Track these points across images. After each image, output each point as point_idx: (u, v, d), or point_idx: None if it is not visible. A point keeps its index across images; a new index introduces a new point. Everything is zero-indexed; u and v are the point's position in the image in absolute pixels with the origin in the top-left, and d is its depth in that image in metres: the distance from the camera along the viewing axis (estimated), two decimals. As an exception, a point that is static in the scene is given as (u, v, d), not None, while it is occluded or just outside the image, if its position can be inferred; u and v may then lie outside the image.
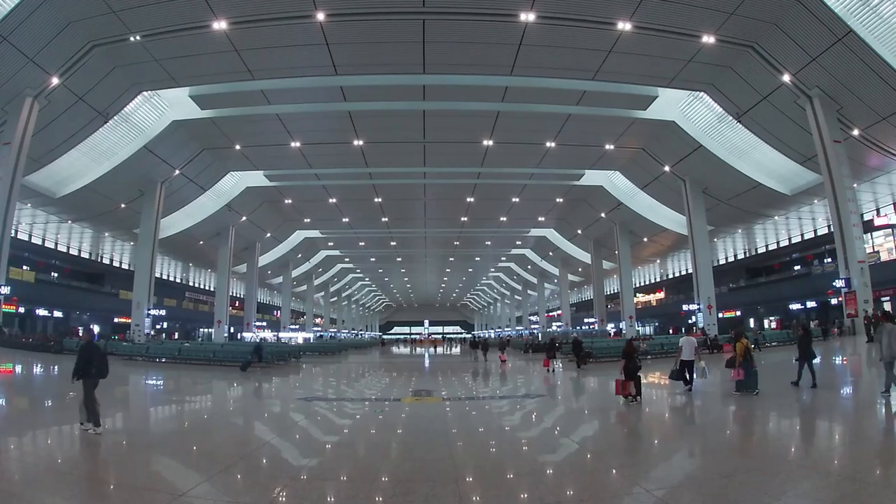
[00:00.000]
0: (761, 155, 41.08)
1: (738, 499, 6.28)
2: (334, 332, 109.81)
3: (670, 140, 42.16)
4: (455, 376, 27.79)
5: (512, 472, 8.37)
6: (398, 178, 48.74)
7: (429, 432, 11.55)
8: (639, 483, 7.17)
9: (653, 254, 74.03)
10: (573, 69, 32.11)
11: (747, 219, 55.22)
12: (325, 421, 13.57)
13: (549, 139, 41.62)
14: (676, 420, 13.98)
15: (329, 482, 7.73)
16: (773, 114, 35.69)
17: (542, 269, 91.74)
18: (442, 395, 17.70)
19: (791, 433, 11.27)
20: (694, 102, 38.24)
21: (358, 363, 40.83)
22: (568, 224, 67.09)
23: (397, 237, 72.37)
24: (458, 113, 37.04)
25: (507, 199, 56.09)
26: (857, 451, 8.96)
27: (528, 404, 16.49)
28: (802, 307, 55.18)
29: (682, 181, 46.01)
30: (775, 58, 31.20)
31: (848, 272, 32.37)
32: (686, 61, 31.85)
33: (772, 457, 8.60)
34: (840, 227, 32.81)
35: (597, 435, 11.91)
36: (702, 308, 45.54)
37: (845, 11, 27.43)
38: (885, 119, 33.39)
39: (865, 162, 39.06)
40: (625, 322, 59.68)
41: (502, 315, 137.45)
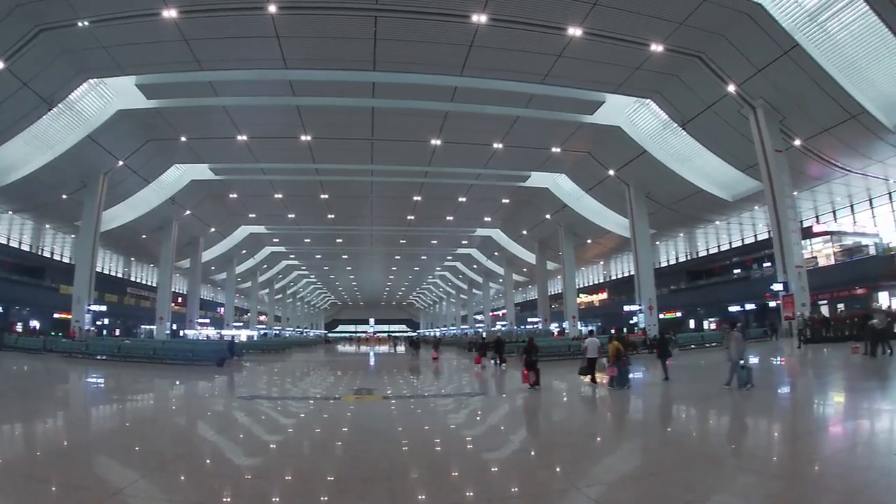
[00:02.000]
0: (704, 162, 41.98)
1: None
2: (279, 330, 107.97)
3: (616, 145, 42.64)
4: (394, 375, 27.82)
5: (438, 467, 8.53)
6: (345, 175, 48.20)
7: (367, 430, 11.62)
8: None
9: (596, 255, 75.09)
10: (523, 72, 32.23)
11: (689, 223, 56.45)
12: (262, 419, 13.42)
13: (496, 140, 41.71)
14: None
15: (262, 480, 7.70)
16: (717, 122, 36.49)
17: (488, 269, 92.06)
18: (382, 394, 17.66)
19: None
20: (640, 109, 38.84)
21: (302, 361, 40.50)
22: (513, 224, 67.46)
23: (343, 234, 71.62)
24: (407, 111, 36.79)
25: (453, 199, 56.06)
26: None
27: (452, 401, 17.27)
28: (741, 309, 56.47)
29: (626, 185, 46.74)
30: (721, 68, 31.94)
31: (786, 276, 33.33)
32: (634, 69, 32.27)
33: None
34: (779, 233, 33.80)
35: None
36: (643, 309, 46.45)
37: (792, 26, 28.23)
38: (826, 131, 34.49)
39: (806, 171, 40.20)
40: (568, 322, 60.21)
41: (448, 314, 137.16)
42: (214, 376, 25.04)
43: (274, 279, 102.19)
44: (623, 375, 17.49)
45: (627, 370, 17.95)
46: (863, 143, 36.22)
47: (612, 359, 17.86)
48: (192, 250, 63.44)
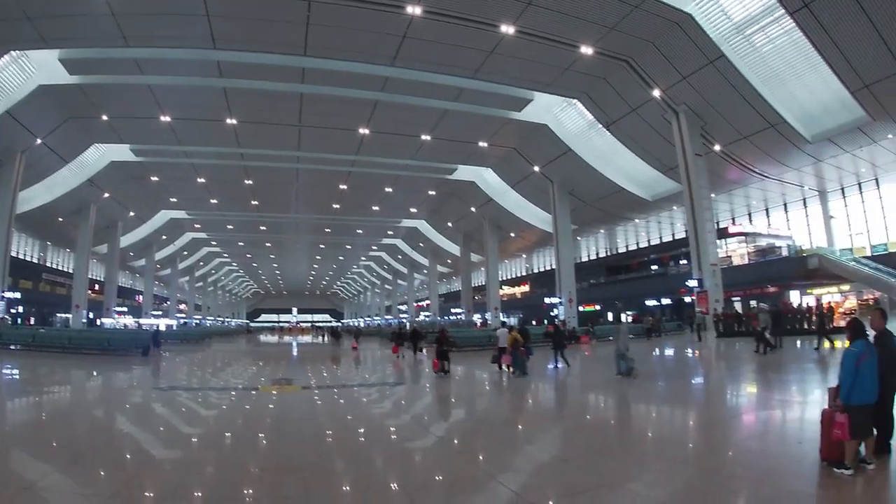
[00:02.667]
0: (626, 162, 43.13)
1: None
2: (199, 320, 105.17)
3: (542, 142, 43.34)
4: (314, 365, 27.58)
5: (351, 456, 8.51)
6: (271, 160, 47.13)
7: (284, 421, 11.61)
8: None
9: (519, 249, 76.28)
10: (454, 66, 32.25)
11: (610, 220, 58.01)
12: (180, 411, 13.07)
13: (425, 132, 41.64)
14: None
15: (178, 472, 7.54)
16: (641, 125, 37.54)
17: (413, 260, 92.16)
18: (301, 384, 17.54)
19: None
20: (567, 108, 39.63)
21: (222, 352, 39.46)
22: (439, 216, 67.69)
23: (267, 222, 69.99)
24: (337, 99, 36.12)
25: (380, 189, 55.72)
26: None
27: (366, 390, 17.32)
28: (658, 304, 58.23)
29: (550, 182, 47.56)
30: (648, 74, 32.87)
31: (701, 273, 34.71)
32: (563, 69, 32.77)
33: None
34: (696, 233, 35.18)
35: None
36: (563, 301, 47.36)
37: (720, 37, 29.42)
38: (745, 138, 36.22)
39: (724, 175, 41.86)
40: (490, 313, 60.87)
41: (372, 304, 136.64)
42: (133, 367, 24.28)
43: (195, 266, 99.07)
44: (520, 364, 18.67)
45: (524, 359, 19.11)
46: (780, 152, 38.04)
47: (508, 348, 19.21)
48: (110, 235, 60.36)
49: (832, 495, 5.78)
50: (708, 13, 28.54)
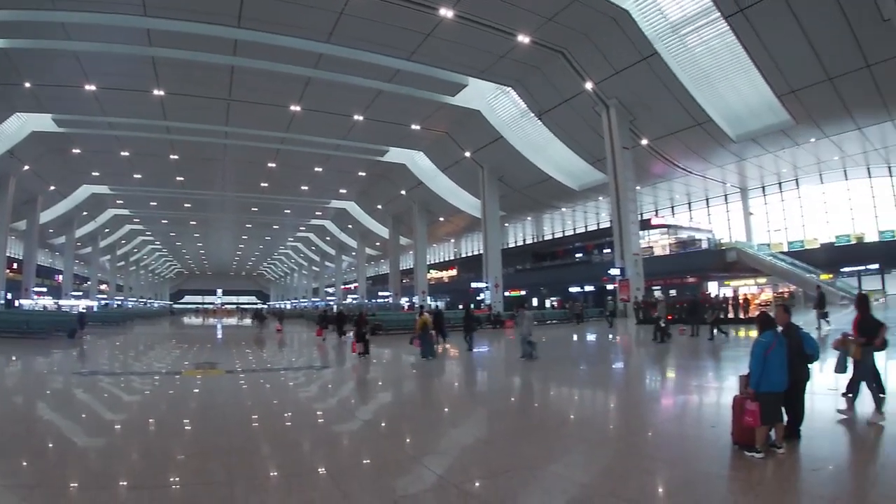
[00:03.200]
0: (556, 152, 43.97)
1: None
2: (121, 301, 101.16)
3: (474, 128, 43.61)
4: (237, 348, 27.10)
5: (272, 439, 8.47)
6: (198, 135, 45.38)
7: (207, 405, 11.38)
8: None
9: (448, 233, 76.63)
10: (391, 46, 31.90)
11: (537, 208, 59.00)
12: (103, 397, 12.58)
13: (357, 112, 41.16)
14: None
15: (99, 459, 7.34)
16: (572, 116, 38.23)
17: (341, 242, 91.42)
18: (225, 368, 17.24)
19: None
20: (500, 96, 39.91)
21: (145, 334, 38.06)
22: (369, 198, 67.25)
23: (192, 199, 67.66)
24: (269, 74, 35.11)
25: (309, 169, 54.91)
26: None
27: (287, 373, 17.23)
28: (581, 290, 59.29)
29: (480, 167, 47.99)
30: (582, 66, 33.50)
31: (623, 262, 35.85)
32: (499, 56, 33.00)
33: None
34: (620, 223, 36.28)
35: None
36: (490, 286, 48.01)
37: (654, 35, 30.31)
38: (672, 134, 37.62)
39: (650, 169, 43.19)
40: (418, 297, 61.00)
41: (299, 286, 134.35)
42: (53, 351, 23.46)
43: (116, 245, 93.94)
44: (427, 347, 19.01)
45: (432, 343, 19.60)
46: (705, 149, 39.62)
47: (417, 331, 19.75)
48: (29, 210, 56.64)
49: (743, 477, 6.03)
50: (645, 11, 29.28)
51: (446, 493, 5.72)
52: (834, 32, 27.09)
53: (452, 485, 5.93)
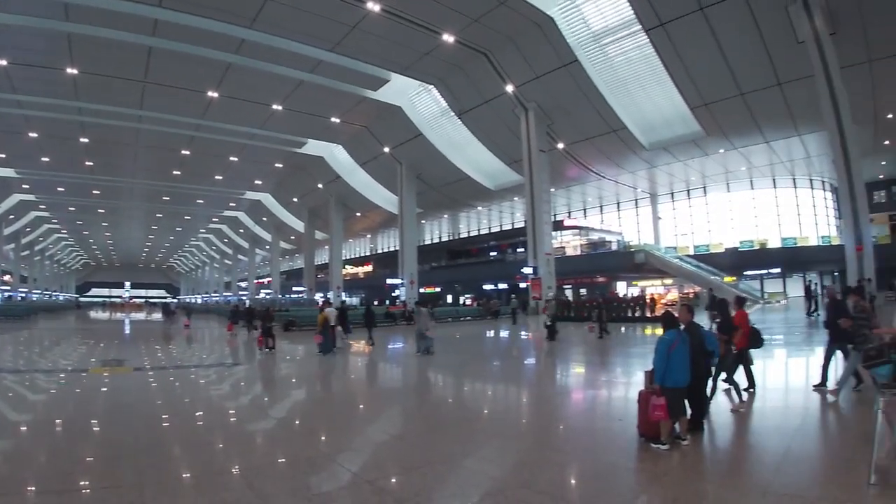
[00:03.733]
0: (474, 151, 44.55)
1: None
2: (25, 293, 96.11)
3: (394, 124, 43.60)
4: (148, 344, 26.24)
5: (183, 440, 8.28)
6: (110, 117, 43.03)
7: (116, 405, 10.93)
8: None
9: (364, 228, 76.11)
10: (315, 36, 31.48)
11: (454, 206, 59.38)
12: (2, 396, 11.89)
13: (276, 102, 40.36)
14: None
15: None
16: (492, 117, 38.82)
17: (255, 235, 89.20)
18: (133, 366, 16.65)
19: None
20: (422, 93, 40.11)
21: (50, 329, 36.28)
22: (285, 191, 66.02)
23: (102, 185, 63.70)
24: (188, 57, 33.75)
25: (225, 158, 53.29)
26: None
27: (196, 370, 16.71)
28: (495, 288, 60.04)
29: (399, 164, 48.13)
30: (504, 69, 34.07)
31: (536, 262, 36.65)
32: (423, 54, 33.12)
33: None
34: (534, 223, 37.09)
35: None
36: (405, 283, 48.07)
37: (576, 43, 31.26)
38: (588, 139, 38.75)
39: (565, 172, 44.32)
40: (333, 292, 60.23)
41: (211, 280, 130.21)
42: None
43: (21, 233, 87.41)
44: (328, 343, 19.34)
45: (333, 338, 19.94)
46: (619, 155, 41.02)
47: (319, 328, 19.80)
48: None
49: (650, 468, 6.28)
50: (569, 19, 30.17)
51: (360, 490, 5.72)
52: (750, 51, 28.80)
53: (366, 482, 5.95)
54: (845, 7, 25.33)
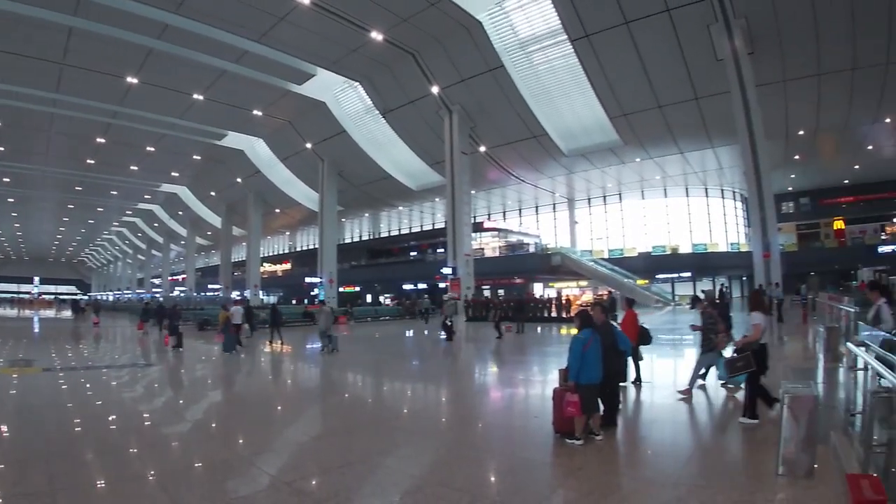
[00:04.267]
0: (397, 151, 44.69)
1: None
2: None
3: (318, 119, 43.26)
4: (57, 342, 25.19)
5: (95, 443, 7.98)
6: (23, 100, 40.38)
7: (25, 407, 10.43)
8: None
9: (283, 225, 74.75)
10: (241, 26, 30.71)
11: (375, 205, 59.21)
12: None
13: (198, 91, 39.15)
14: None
15: None
16: (416, 117, 39.05)
17: (170, 229, 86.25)
18: (42, 366, 15.95)
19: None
20: (347, 90, 40.01)
21: None
22: (202, 184, 64.21)
23: (11, 173, 59.61)
24: (109, 40, 32.08)
25: (141, 147, 50.99)
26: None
27: (119, 372, 15.92)
28: (414, 288, 60.18)
29: (321, 160, 47.77)
30: (431, 70, 34.33)
31: (455, 262, 37.10)
32: (351, 50, 32.96)
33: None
34: (453, 224, 37.49)
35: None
36: (324, 282, 47.68)
37: (503, 48, 31.87)
38: (509, 144, 39.47)
39: (486, 175, 44.95)
40: (250, 290, 59.24)
41: (123, 276, 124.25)
42: None
43: None
44: (230, 341, 19.23)
45: (234, 337, 19.68)
46: (539, 160, 41.85)
47: (220, 326, 20.18)
48: None
49: (565, 463, 6.50)
50: (497, 24, 30.72)
51: (279, 492, 5.68)
52: (670, 66, 30.22)
53: (284, 483, 5.92)
54: (764, 29, 27.01)
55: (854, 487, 3.91)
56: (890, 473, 4.65)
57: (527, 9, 30.04)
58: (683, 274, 51.63)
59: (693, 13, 27.06)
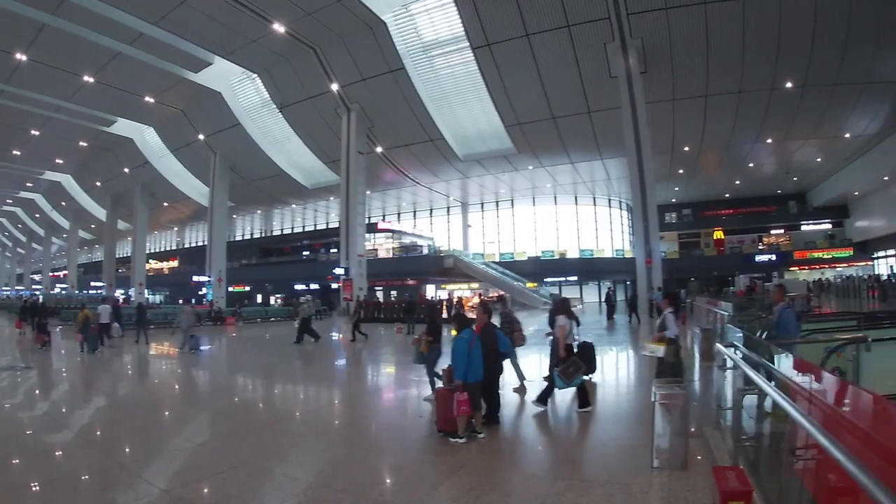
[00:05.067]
0: (293, 147, 44.38)
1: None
2: None
3: (212, 110, 42.33)
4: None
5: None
6: None
7: None
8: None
9: (171, 220, 71.78)
10: (141, 7, 29.54)
11: (268, 202, 58.25)
12: None
13: (89, 72, 36.93)
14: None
15: None
16: (313, 114, 38.87)
17: (52, 221, 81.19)
18: None
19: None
20: (245, 81, 39.36)
21: None
22: (87, 173, 60.77)
23: None
24: (2, 12, 29.70)
25: (25, 130, 47.56)
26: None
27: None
28: (306, 288, 59.57)
29: (213, 153, 46.76)
30: (332, 67, 34.31)
31: (348, 263, 37.07)
32: (252, 40, 32.52)
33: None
34: (347, 225, 37.53)
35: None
36: (212, 280, 46.67)
37: (405, 51, 32.29)
38: (406, 146, 39.88)
39: (381, 176, 45.23)
40: (134, 288, 57.36)
41: (2, 271, 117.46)
42: None
43: None
44: (92, 341, 18.98)
45: (95, 338, 19.26)
46: (435, 164, 42.47)
47: (78, 325, 19.74)
48: None
49: (448, 461, 6.59)
50: (401, 26, 31.18)
51: (160, 501, 5.50)
52: (566, 79, 31.84)
53: (164, 491, 5.72)
54: (657, 51, 29.04)
55: (720, 479, 4.13)
56: (758, 465, 5.05)
57: (432, 13, 30.59)
58: (570, 277, 54.15)
59: (592, 31, 28.66)
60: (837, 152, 42.39)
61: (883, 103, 33.84)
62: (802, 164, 46.12)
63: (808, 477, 3.52)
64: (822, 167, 47.09)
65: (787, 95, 32.68)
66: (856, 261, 51.90)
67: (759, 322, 12.02)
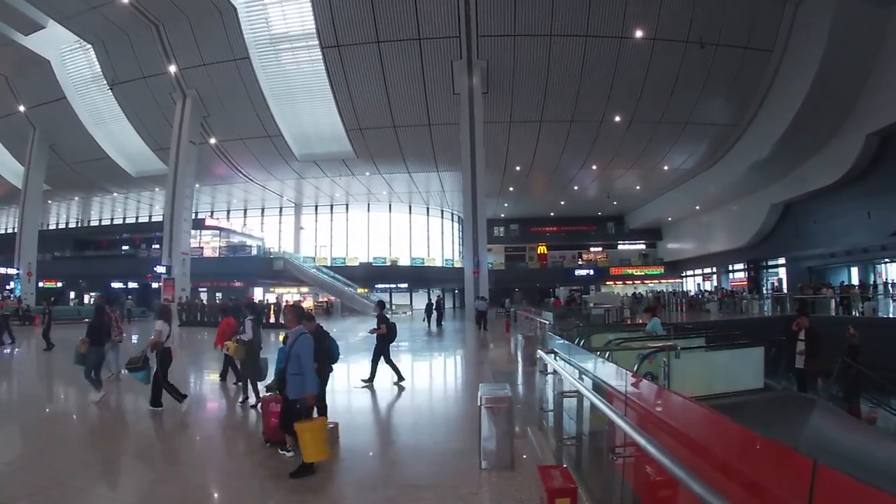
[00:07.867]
0: (120, 130, 41.21)
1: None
2: None
3: (37, 80, 38.35)
4: None
5: None
6: None
7: None
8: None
9: (-28, 200, 65.34)
10: None
11: (88, 188, 53.26)
12: None
13: None
14: None
15: None
16: (146, 95, 36.59)
17: None
18: None
19: None
20: (78, 51, 36.22)
21: None
22: None
23: None
24: None
25: None
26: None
27: None
28: (124, 286, 56.20)
29: (33, 128, 42.37)
30: (172, 47, 32.58)
31: (171, 260, 35.34)
32: (92, 7, 29.74)
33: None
34: (172, 219, 35.77)
35: None
36: (21, 274, 42.29)
37: (253, 40, 31.58)
38: (242, 139, 38.88)
39: (213, 169, 43.45)
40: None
41: None
42: None
43: None
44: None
45: None
46: (270, 161, 41.62)
47: None
48: None
49: (272, 474, 6.36)
50: (252, 13, 30.49)
51: None
52: (410, 90, 32.67)
53: None
54: (500, 74, 30.82)
55: (546, 478, 4.29)
56: (580, 463, 5.33)
57: (286, 5, 30.28)
58: (401, 284, 56.10)
59: (441, 47, 29.75)
60: (655, 182, 46.76)
61: (701, 143, 37.83)
62: (623, 190, 50.37)
63: (628, 472, 3.81)
64: (640, 194, 51.77)
65: (614, 128, 35.59)
66: (666, 278, 59.22)
67: (577, 330, 12.50)
